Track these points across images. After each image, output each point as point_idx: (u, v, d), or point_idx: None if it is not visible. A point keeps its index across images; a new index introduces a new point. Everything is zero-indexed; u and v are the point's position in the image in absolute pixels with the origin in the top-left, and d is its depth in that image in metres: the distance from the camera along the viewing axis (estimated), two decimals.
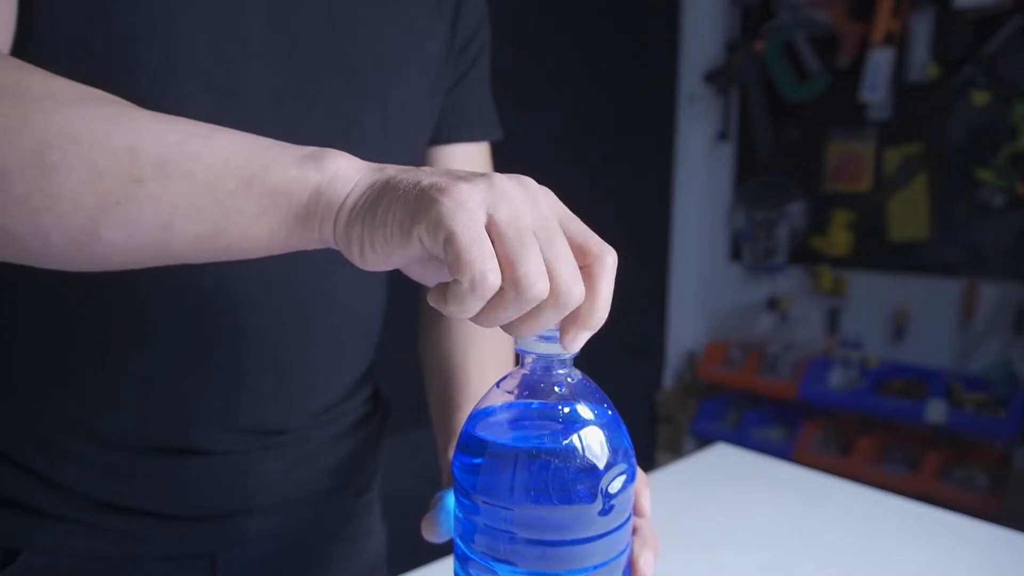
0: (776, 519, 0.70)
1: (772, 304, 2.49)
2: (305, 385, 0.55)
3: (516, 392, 0.36)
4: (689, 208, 2.70)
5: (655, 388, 2.77)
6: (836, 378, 2.21)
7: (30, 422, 0.49)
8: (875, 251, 2.26)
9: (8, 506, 0.49)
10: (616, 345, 2.61)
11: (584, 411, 0.36)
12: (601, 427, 0.35)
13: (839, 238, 2.31)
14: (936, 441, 2.04)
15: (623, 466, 0.35)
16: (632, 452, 0.37)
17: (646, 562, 0.37)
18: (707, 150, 2.66)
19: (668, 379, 2.79)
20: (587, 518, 0.34)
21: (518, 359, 0.37)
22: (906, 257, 2.20)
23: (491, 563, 0.34)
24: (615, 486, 0.34)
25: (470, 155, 0.64)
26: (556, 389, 0.36)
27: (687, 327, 2.75)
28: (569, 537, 0.34)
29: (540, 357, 0.35)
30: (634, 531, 0.39)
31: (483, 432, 0.36)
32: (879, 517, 0.70)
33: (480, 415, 0.37)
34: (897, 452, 2.12)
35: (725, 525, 0.69)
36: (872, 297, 2.29)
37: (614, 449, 0.35)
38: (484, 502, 0.34)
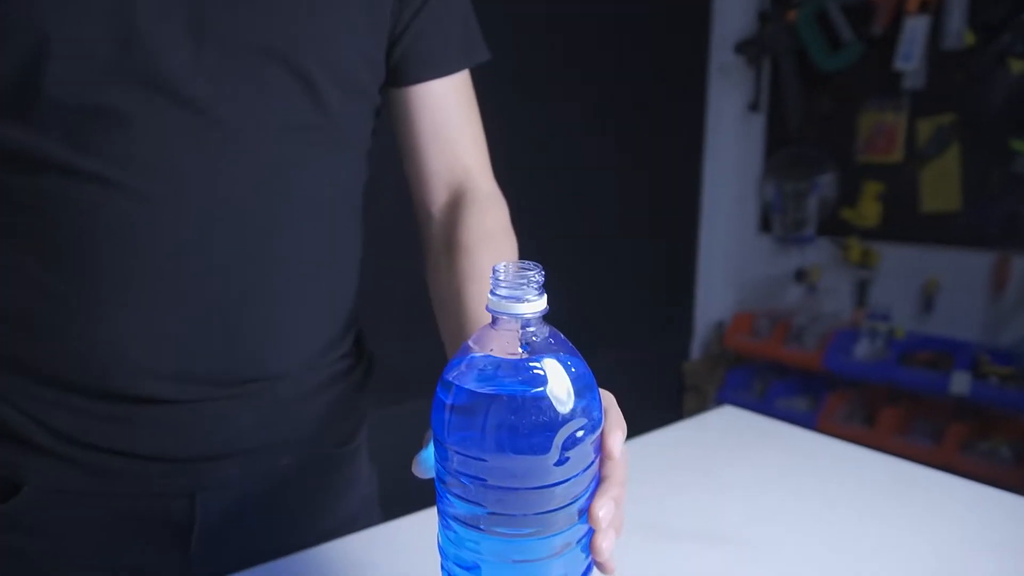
0: (773, 474, 0.74)
1: (800, 275, 2.49)
2: (263, 340, 0.57)
3: (485, 347, 0.38)
4: (719, 180, 2.70)
5: (683, 358, 2.80)
6: (862, 349, 2.22)
7: (14, 369, 0.54)
8: (906, 223, 2.24)
9: (12, 443, 0.54)
10: (645, 316, 2.64)
11: (546, 367, 0.37)
12: (561, 383, 0.37)
13: (869, 210, 2.30)
14: (960, 414, 2.04)
15: (581, 421, 0.37)
16: (596, 406, 0.39)
17: (600, 506, 0.38)
18: (738, 121, 2.65)
19: (696, 349, 2.82)
20: (542, 468, 0.36)
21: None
22: (937, 229, 2.18)
23: (457, 502, 0.38)
24: (572, 439, 0.36)
25: (445, 91, 0.64)
26: (522, 347, 0.38)
27: (715, 298, 2.77)
28: (525, 485, 0.36)
29: (510, 317, 0.38)
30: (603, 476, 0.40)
31: (450, 380, 0.38)
32: (880, 480, 0.72)
33: (451, 366, 0.39)
34: (921, 424, 2.13)
35: (721, 478, 0.73)
36: (901, 269, 2.28)
37: (572, 404, 0.37)
38: (449, 447, 0.37)
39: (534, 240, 2.55)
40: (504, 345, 0.38)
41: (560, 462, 0.36)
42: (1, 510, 0.55)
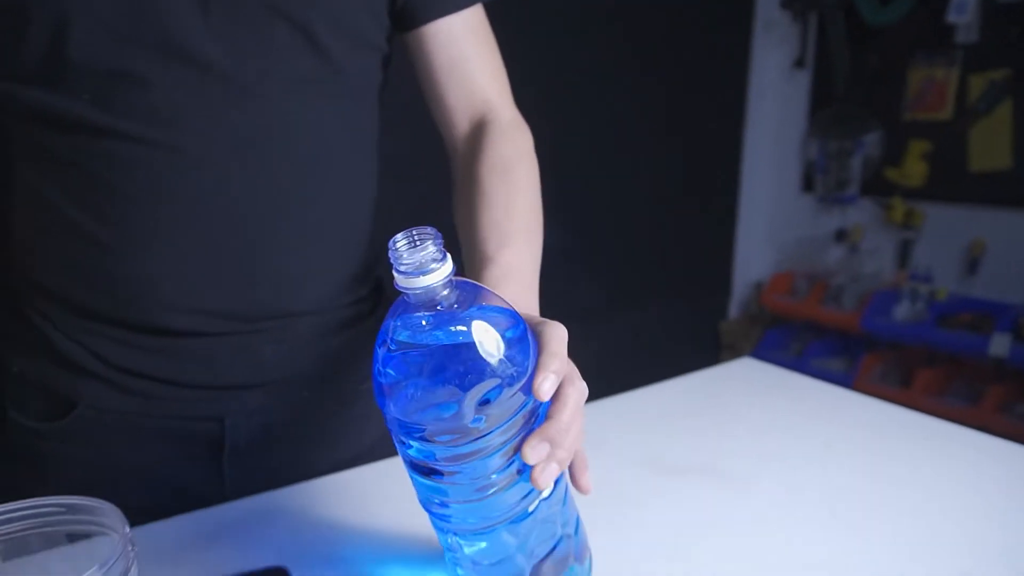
0: (781, 420, 0.78)
1: (841, 236, 2.47)
2: (281, 279, 0.61)
3: (398, 317, 0.39)
4: (761, 138, 2.67)
5: (720, 317, 2.81)
6: (902, 311, 2.21)
7: (66, 306, 0.61)
8: (952, 182, 2.19)
9: (68, 367, 0.62)
10: (684, 275, 2.65)
11: (455, 331, 0.38)
12: (473, 343, 0.38)
13: (914, 169, 2.26)
14: (1000, 376, 2.02)
15: (493, 381, 0.38)
16: (517, 356, 0.39)
17: (530, 447, 0.40)
18: (782, 78, 2.60)
19: (734, 309, 2.82)
20: (464, 428, 0.37)
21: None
22: (985, 188, 2.13)
23: (411, 452, 0.40)
24: (488, 395, 0.37)
25: (456, 27, 0.65)
26: (433, 315, 0.39)
27: (755, 258, 2.76)
28: (460, 442, 0.38)
29: (416, 290, 0.38)
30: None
31: (376, 353, 0.40)
32: (892, 430, 0.74)
33: (378, 338, 0.40)
34: (959, 386, 2.12)
35: (730, 421, 0.77)
36: (946, 229, 2.24)
37: (482, 364, 0.37)
38: (388, 413, 0.39)
39: (574, 198, 2.59)
40: (415, 316, 0.39)
41: (476, 420, 0.37)
42: (61, 424, 0.63)
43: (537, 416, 0.41)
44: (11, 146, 0.59)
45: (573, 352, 0.44)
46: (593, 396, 0.49)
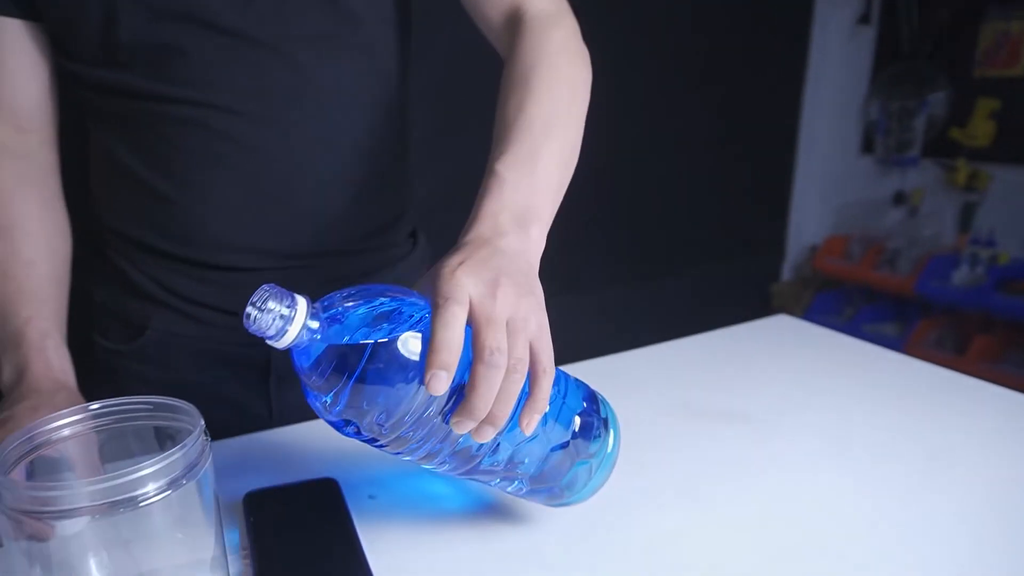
0: (808, 371, 0.80)
1: (900, 198, 2.41)
2: (318, 220, 0.68)
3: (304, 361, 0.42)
4: (821, 97, 2.60)
5: (772, 280, 2.79)
6: (960, 275, 2.16)
7: (136, 245, 0.70)
8: (1022, 143, 2.11)
9: (140, 297, 0.71)
10: (736, 235, 2.63)
11: (347, 354, 0.40)
12: (361, 363, 0.40)
13: (981, 129, 2.17)
14: None
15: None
16: (408, 367, 0.40)
17: (455, 419, 0.41)
18: (846, 35, 2.52)
19: (786, 271, 2.79)
20: (385, 434, 0.42)
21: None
22: None
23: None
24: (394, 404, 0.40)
25: None
26: (321, 353, 0.41)
27: (810, 220, 2.72)
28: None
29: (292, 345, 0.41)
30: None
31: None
32: (922, 387, 0.75)
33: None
34: (1015, 353, 2.07)
35: (758, 372, 0.80)
36: (1013, 192, 2.16)
37: (375, 386, 0.40)
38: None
39: (626, 156, 2.58)
40: (312, 362, 0.41)
41: (398, 427, 0.41)
42: (133, 346, 0.72)
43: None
44: (87, 114, 0.68)
45: (625, 311, 0.47)
46: None
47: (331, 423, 0.43)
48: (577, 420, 0.48)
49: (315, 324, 0.41)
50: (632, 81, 2.14)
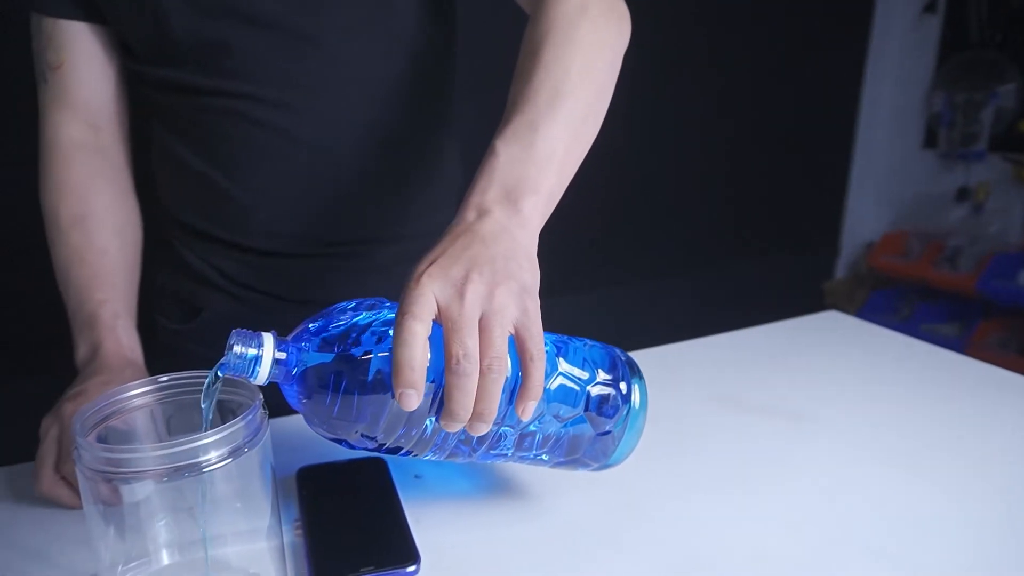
0: (855, 368, 0.79)
1: (963, 194, 2.32)
2: (358, 210, 0.70)
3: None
4: (882, 88, 2.52)
5: (825, 277, 2.73)
6: None
7: (191, 232, 0.74)
8: None
9: (197, 280, 0.75)
10: (789, 230, 2.58)
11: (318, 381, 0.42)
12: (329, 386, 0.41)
13: None
14: None
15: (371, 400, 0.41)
16: (376, 381, 0.41)
17: (449, 428, 0.41)
18: (909, 24, 2.44)
19: (840, 268, 2.73)
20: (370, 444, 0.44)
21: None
22: None
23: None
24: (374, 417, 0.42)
25: None
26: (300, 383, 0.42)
27: (867, 216, 2.65)
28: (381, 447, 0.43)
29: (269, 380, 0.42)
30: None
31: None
32: (975, 387, 0.74)
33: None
34: None
35: (804, 367, 0.79)
36: None
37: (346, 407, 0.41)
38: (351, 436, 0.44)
39: (679, 146, 2.55)
40: (295, 387, 0.43)
41: (375, 436, 0.43)
42: (191, 327, 0.76)
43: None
44: (148, 111, 0.73)
45: (673, 304, 0.45)
46: None
47: (332, 440, 0.45)
48: (589, 394, 0.47)
49: (282, 355, 0.41)
50: (685, 70, 2.12)
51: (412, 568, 0.45)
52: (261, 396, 0.41)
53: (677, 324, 0.48)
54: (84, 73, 0.69)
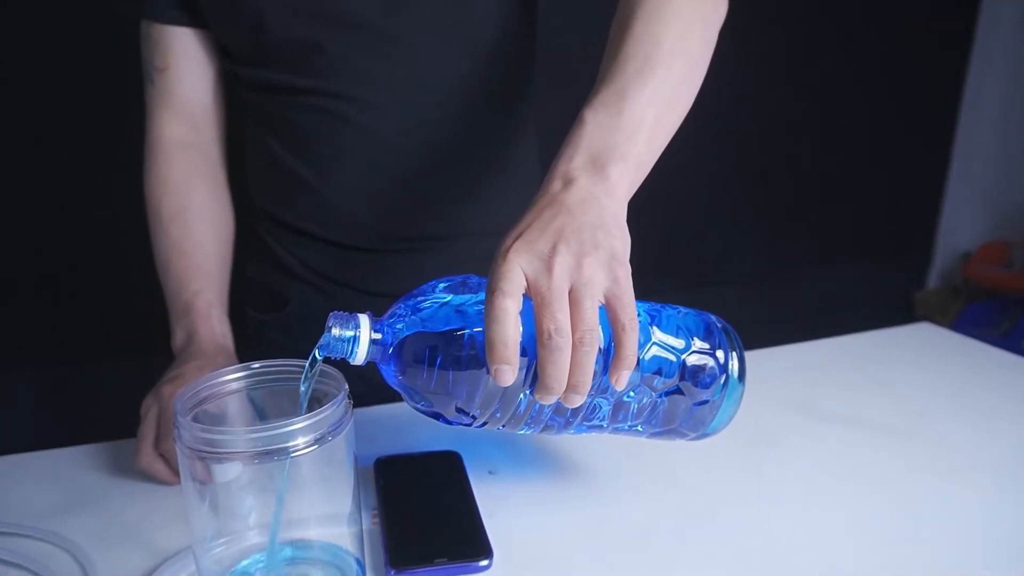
0: (946, 383, 0.75)
1: None
2: (437, 206, 0.72)
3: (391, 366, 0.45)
4: (985, 88, 2.38)
5: (917, 287, 2.60)
6: None
7: (280, 225, 0.76)
8: None
9: (284, 272, 0.77)
10: (878, 236, 2.46)
11: (415, 356, 0.43)
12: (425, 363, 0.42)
13: None
14: None
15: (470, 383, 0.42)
16: (472, 366, 0.42)
17: (544, 401, 0.41)
18: (1017, 24, 2.29)
19: (933, 278, 2.60)
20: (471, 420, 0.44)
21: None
22: None
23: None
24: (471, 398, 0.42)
25: None
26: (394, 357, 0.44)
27: (963, 223, 2.51)
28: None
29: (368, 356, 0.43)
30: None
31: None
32: None
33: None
34: None
35: (891, 380, 0.76)
36: None
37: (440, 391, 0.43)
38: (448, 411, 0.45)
39: (768, 146, 2.48)
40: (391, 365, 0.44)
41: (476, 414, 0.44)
42: (277, 317, 0.80)
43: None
44: (244, 109, 0.76)
45: (756, 308, 0.44)
46: None
47: (429, 415, 0.46)
48: (685, 363, 0.46)
49: (378, 335, 0.43)
50: (766, 61, 2.06)
51: (485, 562, 0.46)
52: (347, 386, 0.42)
53: (752, 332, 0.47)
54: (186, 75, 0.74)
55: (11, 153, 1.24)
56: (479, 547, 0.47)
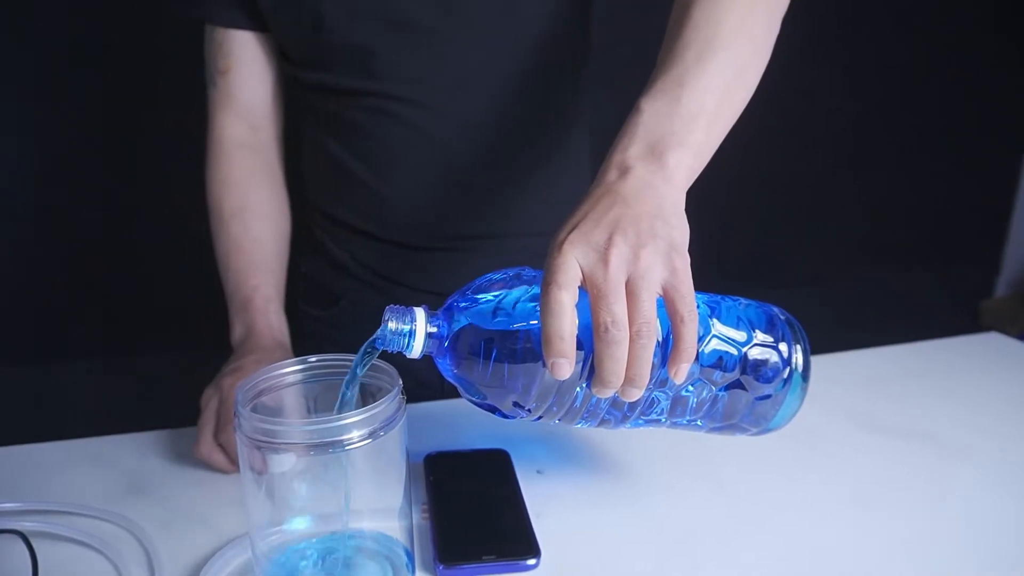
0: (1015, 397, 0.72)
1: None
2: (489, 207, 0.73)
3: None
4: None
5: (983, 295, 2.50)
6: None
7: (335, 223, 0.78)
8: None
9: (337, 269, 0.79)
10: (943, 242, 2.37)
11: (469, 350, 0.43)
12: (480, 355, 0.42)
13: None
14: None
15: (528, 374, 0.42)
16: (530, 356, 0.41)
17: (601, 394, 0.41)
18: None
19: (1001, 287, 2.49)
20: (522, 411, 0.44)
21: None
22: None
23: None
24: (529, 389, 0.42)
25: None
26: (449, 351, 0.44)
27: None
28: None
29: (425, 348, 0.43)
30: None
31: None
32: None
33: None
34: None
35: (954, 391, 0.73)
36: None
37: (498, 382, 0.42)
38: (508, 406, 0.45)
39: (814, 141, 2.41)
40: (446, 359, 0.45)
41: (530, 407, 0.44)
42: (330, 313, 0.81)
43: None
44: (301, 110, 0.78)
45: (815, 313, 0.42)
46: None
47: (484, 408, 0.46)
48: (746, 356, 0.45)
49: (433, 329, 0.43)
50: (823, 59, 2.00)
51: (532, 561, 0.46)
52: (400, 382, 0.43)
53: (810, 337, 0.45)
54: (247, 77, 0.76)
55: (79, 152, 1.29)
56: (527, 546, 0.47)
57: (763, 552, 0.49)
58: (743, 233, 2.03)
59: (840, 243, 2.24)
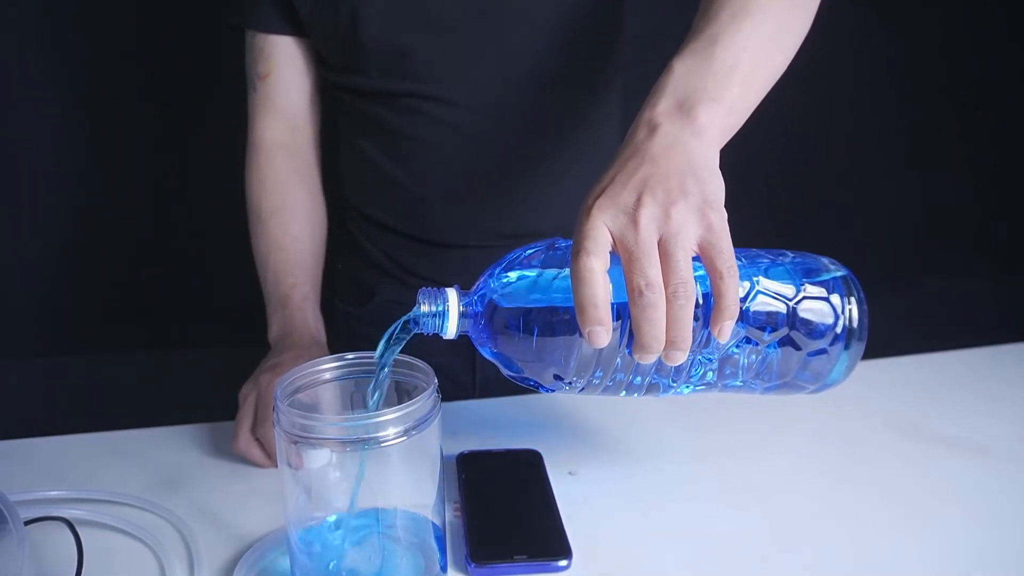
0: None
1: None
2: (526, 204, 0.73)
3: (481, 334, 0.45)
4: None
5: None
6: None
7: (370, 221, 0.78)
8: None
9: (371, 266, 0.80)
10: (992, 246, 2.30)
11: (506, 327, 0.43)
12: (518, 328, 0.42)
13: None
14: None
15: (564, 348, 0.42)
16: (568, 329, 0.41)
17: (643, 360, 0.39)
18: None
19: None
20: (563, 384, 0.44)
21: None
22: None
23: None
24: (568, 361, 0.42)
25: None
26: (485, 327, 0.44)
27: None
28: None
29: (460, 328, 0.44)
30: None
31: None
32: None
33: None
34: None
35: (996, 400, 0.70)
36: None
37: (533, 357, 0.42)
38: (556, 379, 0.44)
39: (883, 146, 2.34)
40: (482, 333, 0.45)
41: (570, 381, 0.44)
42: (364, 310, 0.82)
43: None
44: (338, 112, 0.80)
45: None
46: None
47: (526, 384, 0.45)
48: (795, 311, 0.43)
49: (466, 308, 0.43)
50: (868, 50, 1.95)
51: (564, 563, 0.46)
52: (435, 380, 0.43)
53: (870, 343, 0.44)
54: (286, 81, 0.77)
55: (135, 154, 1.33)
56: (559, 547, 0.47)
57: (799, 564, 0.48)
58: (793, 234, 2.00)
59: (889, 247, 2.19)
